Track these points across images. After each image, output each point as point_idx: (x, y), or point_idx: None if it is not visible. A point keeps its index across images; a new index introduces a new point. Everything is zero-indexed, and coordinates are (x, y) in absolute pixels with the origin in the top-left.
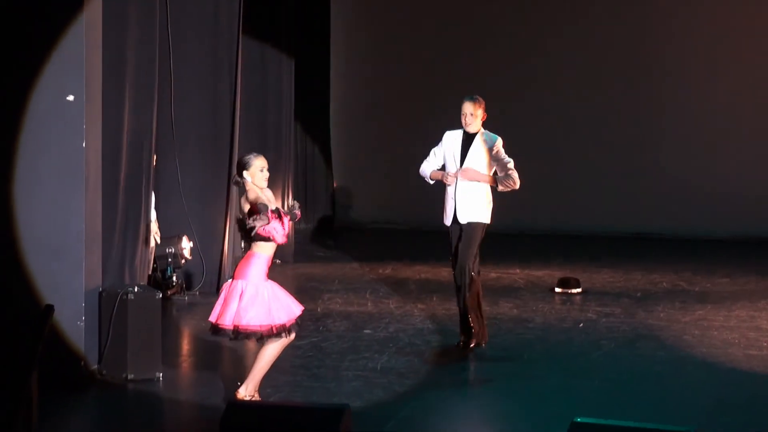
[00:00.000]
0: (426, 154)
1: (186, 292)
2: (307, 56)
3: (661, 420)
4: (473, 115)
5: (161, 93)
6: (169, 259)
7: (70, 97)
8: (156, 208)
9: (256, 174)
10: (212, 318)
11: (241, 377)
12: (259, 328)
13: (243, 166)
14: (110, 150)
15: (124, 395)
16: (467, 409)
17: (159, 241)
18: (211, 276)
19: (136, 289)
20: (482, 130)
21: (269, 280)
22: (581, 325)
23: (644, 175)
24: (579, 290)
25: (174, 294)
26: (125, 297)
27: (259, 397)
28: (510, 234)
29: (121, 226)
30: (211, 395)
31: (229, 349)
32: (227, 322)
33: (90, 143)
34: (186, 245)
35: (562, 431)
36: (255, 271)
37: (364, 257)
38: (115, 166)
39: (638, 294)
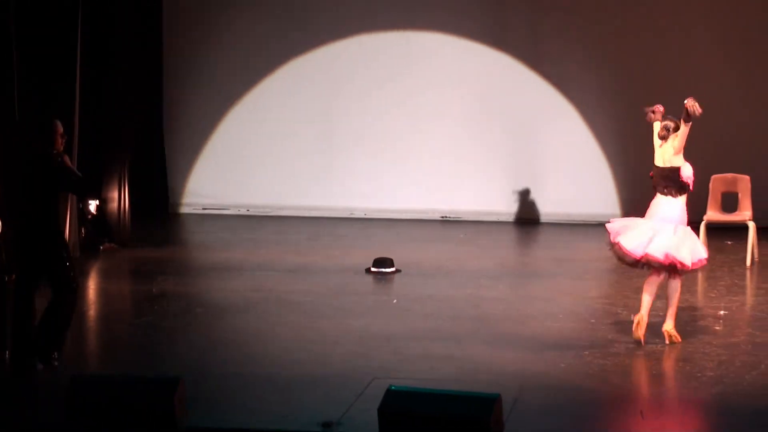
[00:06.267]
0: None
1: None
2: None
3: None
4: None
5: (5, 93)
6: None
7: None
8: None
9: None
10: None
11: (86, 352)
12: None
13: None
14: None
15: None
16: (272, 383)
17: None
18: None
19: None
20: None
21: None
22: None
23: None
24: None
25: None
26: None
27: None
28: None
29: None
30: (56, 371)
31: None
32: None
33: None
34: None
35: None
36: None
37: (198, 240)
38: None
39: None
